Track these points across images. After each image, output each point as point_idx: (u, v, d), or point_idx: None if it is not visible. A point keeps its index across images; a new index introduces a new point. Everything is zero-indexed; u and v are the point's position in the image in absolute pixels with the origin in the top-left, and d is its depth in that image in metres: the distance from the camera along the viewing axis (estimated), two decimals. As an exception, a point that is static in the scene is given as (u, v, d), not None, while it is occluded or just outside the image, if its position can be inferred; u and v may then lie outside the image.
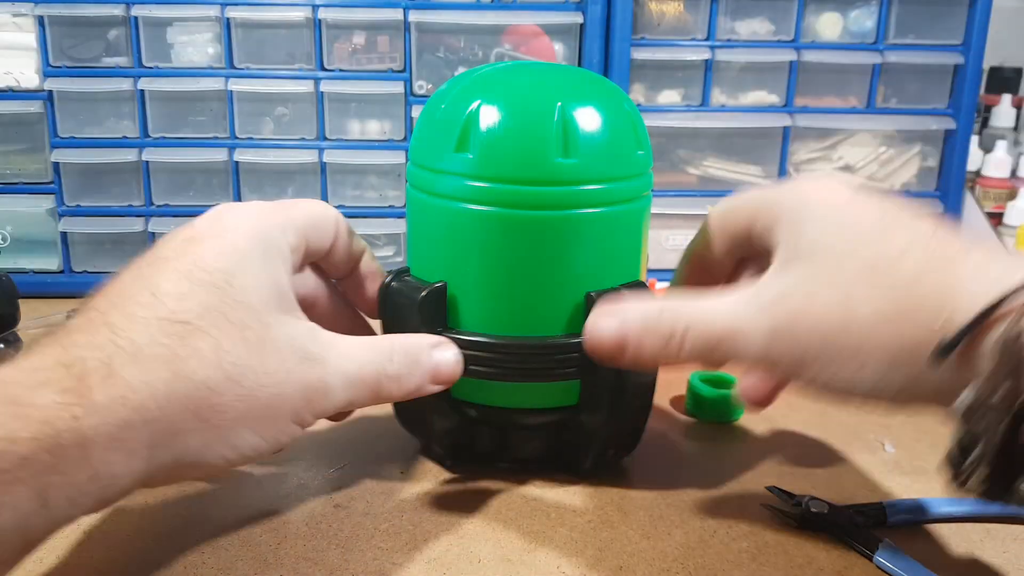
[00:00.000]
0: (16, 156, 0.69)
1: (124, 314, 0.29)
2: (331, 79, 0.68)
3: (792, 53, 0.71)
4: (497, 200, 0.37)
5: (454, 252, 0.38)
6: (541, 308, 0.38)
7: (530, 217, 0.37)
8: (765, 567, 0.34)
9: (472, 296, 0.38)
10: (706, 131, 0.73)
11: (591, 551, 0.35)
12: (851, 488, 0.41)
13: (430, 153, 0.39)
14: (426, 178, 0.39)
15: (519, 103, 0.37)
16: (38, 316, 0.61)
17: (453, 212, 0.38)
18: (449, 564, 0.34)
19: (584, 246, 0.38)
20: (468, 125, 0.36)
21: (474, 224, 0.37)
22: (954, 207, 0.75)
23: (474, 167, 0.37)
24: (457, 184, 0.37)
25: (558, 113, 0.36)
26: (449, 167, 0.37)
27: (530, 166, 0.36)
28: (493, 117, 0.36)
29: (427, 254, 0.40)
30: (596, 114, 0.37)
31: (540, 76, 0.40)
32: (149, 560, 0.34)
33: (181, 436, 0.29)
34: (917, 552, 0.35)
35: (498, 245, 0.37)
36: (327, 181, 0.70)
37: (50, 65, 0.67)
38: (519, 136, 0.36)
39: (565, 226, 0.37)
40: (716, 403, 0.48)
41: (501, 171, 0.36)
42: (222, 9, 0.66)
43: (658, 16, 0.71)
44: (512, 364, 0.38)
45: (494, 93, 0.37)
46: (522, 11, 0.68)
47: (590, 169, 0.37)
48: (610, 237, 0.38)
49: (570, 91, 0.38)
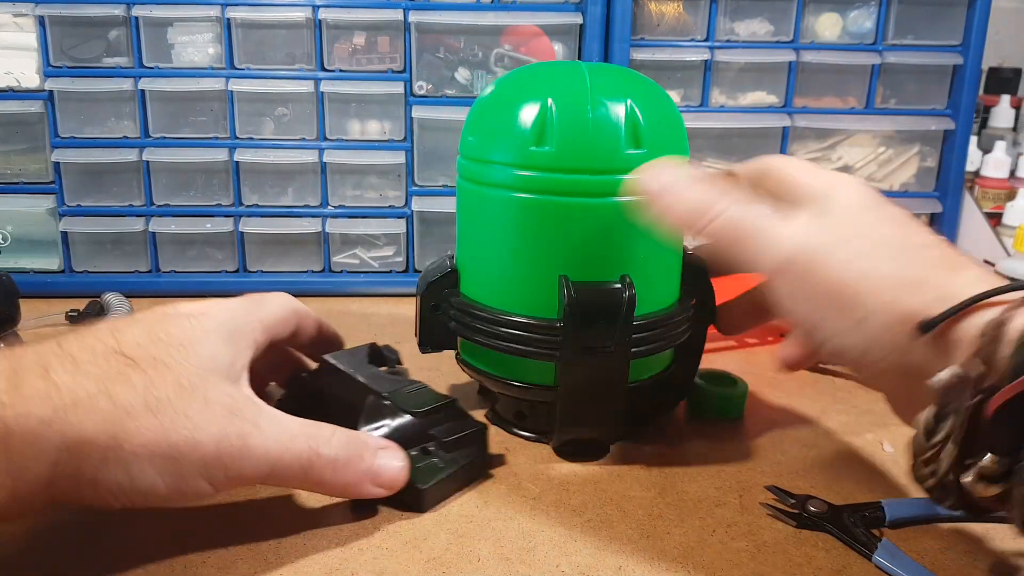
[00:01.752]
0: (17, 156, 0.69)
1: (79, 340, 0.33)
2: (331, 79, 0.69)
3: (791, 54, 0.71)
4: (575, 190, 0.40)
5: (520, 240, 0.41)
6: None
7: (603, 204, 0.40)
8: (764, 566, 0.35)
9: (533, 281, 0.41)
10: (705, 131, 0.73)
11: (590, 550, 0.35)
12: (850, 488, 0.41)
13: (496, 148, 0.41)
14: (485, 172, 0.42)
15: (591, 101, 0.40)
16: (38, 316, 0.61)
17: (522, 204, 0.41)
18: (448, 563, 0.34)
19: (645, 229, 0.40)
20: (543, 121, 0.40)
21: (545, 211, 0.40)
22: (953, 207, 0.75)
23: (554, 160, 0.40)
24: (530, 178, 0.40)
25: (627, 109, 0.40)
26: (523, 161, 0.40)
27: (605, 158, 0.40)
28: (569, 113, 0.40)
29: (488, 244, 0.43)
30: (657, 109, 0.41)
31: (599, 75, 0.42)
32: (149, 559, 0.34)
33: (87, 448, 0.30)
34: (916, 552, 0.36)
35: (569, 229, 0.40)
36: (327, 181, 0.70)
37: (51, 65, 0.67)
38: (595, 131, 0.40)
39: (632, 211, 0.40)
40: (718, 401, 0.48)
41: (579, 163, 0.40)
42: (222, 9, 0.66)
43: (657, 17, 0.71)
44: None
45: (564, 91, 0.40)
46: (522, 11, 0.69)
47: (655, 157, 0.40)
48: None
49: (632, 88, 0.41)
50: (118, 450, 0.31)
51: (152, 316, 0.35)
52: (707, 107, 0.72)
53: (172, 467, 0.31)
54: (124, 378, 0.31)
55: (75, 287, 0.69)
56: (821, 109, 0.73)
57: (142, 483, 0.31)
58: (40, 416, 0.29)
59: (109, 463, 0.31)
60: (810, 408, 0.50)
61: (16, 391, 0.29)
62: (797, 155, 0.74)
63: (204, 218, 0.70)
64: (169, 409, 0.31)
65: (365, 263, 0.73)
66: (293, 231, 0.71)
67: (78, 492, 0.31)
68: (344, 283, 0.72)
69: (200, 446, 0.32)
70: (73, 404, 0.30)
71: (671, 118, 0.42)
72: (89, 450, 0.30)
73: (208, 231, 0.70)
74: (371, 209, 0.71)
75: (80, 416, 0.30)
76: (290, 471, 0.34)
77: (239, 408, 0.33)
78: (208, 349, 0.34)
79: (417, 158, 0.70)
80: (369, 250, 0.73)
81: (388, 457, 0.37)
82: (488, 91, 0.44)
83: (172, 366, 0.33)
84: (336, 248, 0.72)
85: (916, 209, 0.75)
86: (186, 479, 0.32)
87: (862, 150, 0.75)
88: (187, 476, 0.32)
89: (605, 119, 0.40)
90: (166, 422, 0.31)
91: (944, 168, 0.75)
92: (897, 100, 0.74)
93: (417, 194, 0.70)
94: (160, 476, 0.31)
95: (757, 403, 0.50)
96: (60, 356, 0.31)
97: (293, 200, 0.71)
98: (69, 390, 0.30)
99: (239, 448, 0.33)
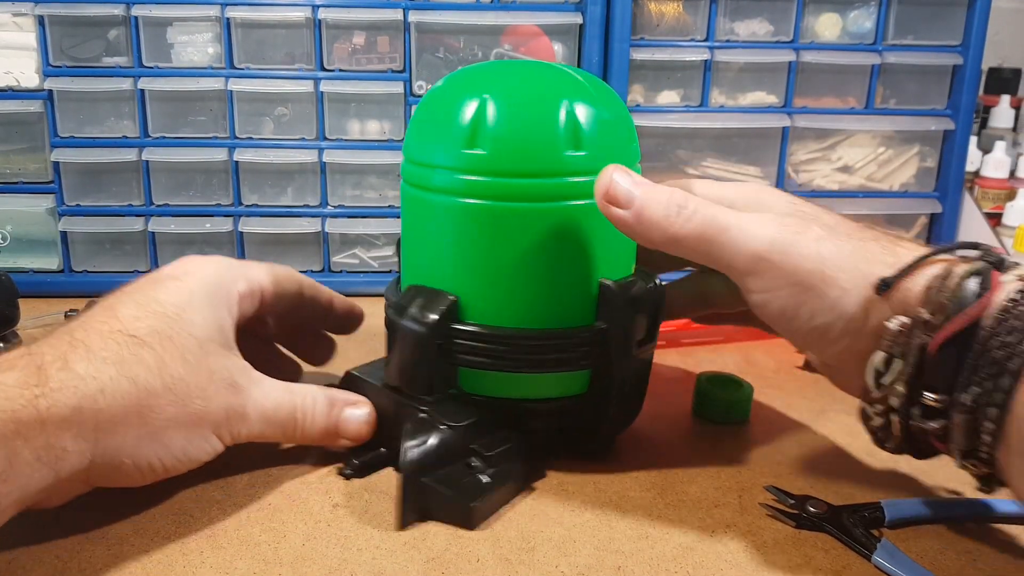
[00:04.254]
0: (16, 156, 0.69)
1: (83, 327, 0.35)
2: (331, 79, 0.69)
3: (791, 54, 0.71)
4: (511, 194, 0.38)
5: (465, 248, 0.39)
6: (554, 299, 0.39)
7: (543, 209, 0.38)
8: (763, 567, 0.35)
9: (484, 291, 0.39)
10: (705, 132, 0.73)
11: (589, 551, 0.35)
12: (849, 488, 0.41)
13: (434, 150, 0.39)
14: (426, 175, 0.39)
15: (526, 101, 0.38)
16: (38, 315, 0.61)
17: (462, 209, 0.38)
18: (448, 563, 0.34)
19: (595, 235, 0.39)
20: (477, 122, 0.38)
21: (486, 219, 0.38)
22: (953, 207, 0.75)
23: (487, 163, 0.38)
24: (466, 181, 0.38)
25: (565, 109, 0.38)
26: (457, 164, 0.38)
27: (543, 160, 0.38)
28: (504, 114, 0.38)
29: (431, 253, 0.40)
30: (596, 109, 0.39)
31: (536, 74, 0.41)
32: (148, 559, 0.34)
33: (122, 429, 0.33)
34: (915, 552, 0.36)
35: (511, 239, 0.38)
36: (327, 181, 0.70)
37: (50, 65, 0.67)
38: (531, 132, 0.38)
39: (577, 215, 0.38)
40: (724, 405, 0.48)
41: (515, 166, 0.38)
42: (222, 9, 0.66)
43: (657, 17, 0.71)
44: (523, 355, 0.39)
45: (500, 91, 0.38)
46: (522, 11, 0.69)
47: (597, 160, 0.38)
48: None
49: (569, 88, 0.39)
50: (149, 429, 0.34)
51: (139, 285, 0.38)
52: (707, 107, 0.72)
53: (194, 432, 0.36)
54: (138, 359, 0.34)
55: (74, 287, 0.69)
56: (821, 109, 0.73)
57: (175, 448, 0.35)
58: (72, 405, 0.32)
59: (143, 440, 0.34)
60: (809, 408, 0.50)
61: (45, 385, 0.32)
62: (797, 155, 0.74)
63: (204, 218, 0.70)
64: (182, 385, 0.35)
65: (364, 263, 0.73)
66: (292, 231, 0.71)
67: (117, 472, 0.34)
68: (344, 283, 0.72)
69: (211, 414, 0.36)
70: (100, 391, 0.33)
71: (618, 121, 0.40)
72: (123, 430, 0.33)
73: (208, 231, 0.70)
74: (371, 209, 0.71)
75: (108, 401, 0.33)
76: (274, 433, 0.39)
77: (235, 380, 0.37)
78: (198, 315, 0.37)
79: (417, 158, 0.70)
80: (368, 250, 0.73)
81: (353, 409, 0.41)
82: (429, 93, 0.42)
83: (174, 338, 0.36)
84: (335, 248, 0.72)
85: (916, 209, 0.75)
86: (207, 439, 0.37)
87: (862, 150, 0.75)
88: (207, 436, 0.36)
89: (540, 119, 0.38)
90: (183, 396, 0.35)
91: (944, 168, 0.75)
92: (897, 100, 0.74)
93: (417, 194, 0.70)
94: (187, 441, 0.36)
95: (756, 403, 0.50)
96: (74, 345, 0.34)
97: (292, 200, 0.71)
98: (93, 378, 0.33)
99: (240, 415, 0.37)
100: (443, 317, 0.39)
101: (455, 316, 0.39)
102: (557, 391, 0.41)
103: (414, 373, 0.40)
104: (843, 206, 0.72)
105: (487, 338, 0.39)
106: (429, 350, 0.39)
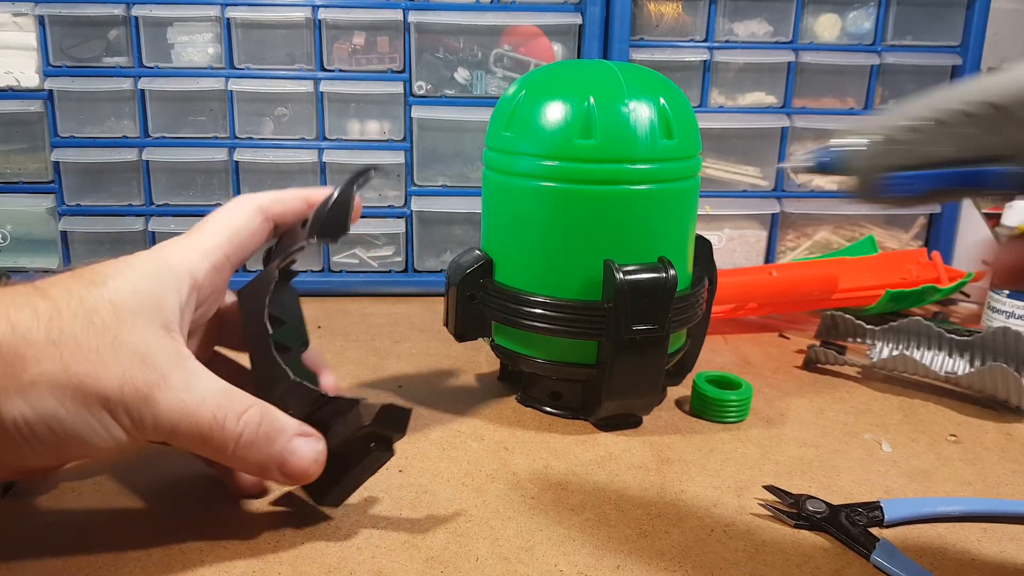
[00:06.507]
0: (16, 155, 0.69)
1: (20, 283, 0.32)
2: (331, 79, 0.69)
3: (790, 54, 0.71)
4: (617, 178, 0.43)
5: (565, 227, 0.44)
6: (590, 274, 0.45)
7: (642, 192, 0.44)
8: (762, 566, 0.35)
9: (553, 263, 0.45)
10: (704, 132, 0.73)
11: (588, 549, 0.35)
12: (848, 488, 0.41)
13: (537, 143, 0.44)
14: (523, 164, 0.44)
15: (624, 98, 0.44)
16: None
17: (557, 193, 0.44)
18: (447, 562, 0.34)
19: (682, 212, 0.45)
20: (588, 115, 0.43)
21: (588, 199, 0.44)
22: (952, 208, 0.75)
23: (597, 152, 0.43)
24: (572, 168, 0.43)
25: (658, 105, 0.44)
26: (566, 154, 0.43)
27: (641, 147, 0.43)
28: (609, 109, 0.43)
29: (530, 233, 0.45)
30: (679, 103, 0.45)
31: (617, 74, 0.45)
32: (147, 559, 0.34)
33: None
34: (914, 551, 0.36)
35: (610, 215, 0.44)
36: (327, 181, 0.70)
37: (50, 65, 0.67)
38: (634, 125, 0.43)
39: (666, 196, 0.44)
40: (724, 406, 0.48)
41: (620, 154, 0.43)
42: (222, 9, 0.67)
43: (656, 17, 0.71)
44: (531, 321, 0.45)
45: (597, 91, 0.44)
46: (521, 12, 0.69)
47: (683, 147, 0.45)
48: (689, 204, 0.47)
49: (658, 86, 0.45)
50: (15, 378, 0.29)
51: (102, 261, 0.34)
52: (706, 107, 0.72)
53: (73, 398, 0.30)
54: (28, 306, 0.30)
55: (74, 287, 0.69)
56: (820, 110, 0.73)
57: (43, 410, 0.30)
58: None
59: (10, 393, 0.29)
60: (809, 408, 0.50)
61: None
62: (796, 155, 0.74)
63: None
64: (71, 342, 0.30)
65: (364, 263, 0.73)
66: (292, 231, 0.71)
67: None
68: (343, 283, 0.72)
69: (100, 381, 0.30)
70: None
71: (690, 112, 0.47)
72: None
73: (207, 231, 0.70)
74: (370, 209, 0.71)
75: None
76: (190, 436, 0.32)
77: (151, 356, 0.32)
78: (129, 284, 0.33)
79: (416, 158, 0.70)
80: (368, 250, 0.73)
81: (303, 445, 0.34)
82: (514, 90, 0.46)
83: (86, 300, 0.31)
84: (335, 248, 0.72)
85: (915, 210, 0.75)
86: (92, 414, 0.31)
87: (861, 151, 0.75)
88: (92, 411, 0.31)
89: (641, 114, 0.44)
90: (66, 353, 0.30)
91: (943, 169, 0.75)
92: (896, 101, 0.74)
93: (416, 194, 0.70)
94: (62, 406, 0.30)
95: (756, 403, 0.50)
96: None
97: (292, 200, 0.71)
98: None
99: (143, 396, 0.31)
100: (473, 273, 0.47)
101: (487, 273, 0.47)
102: (573, 357, 0.46)
103: (448, 317, 0.48)
104: (842, 207, 0.72)
105: (507, 297, 0.46)
106: (461, 299, 0.47)
